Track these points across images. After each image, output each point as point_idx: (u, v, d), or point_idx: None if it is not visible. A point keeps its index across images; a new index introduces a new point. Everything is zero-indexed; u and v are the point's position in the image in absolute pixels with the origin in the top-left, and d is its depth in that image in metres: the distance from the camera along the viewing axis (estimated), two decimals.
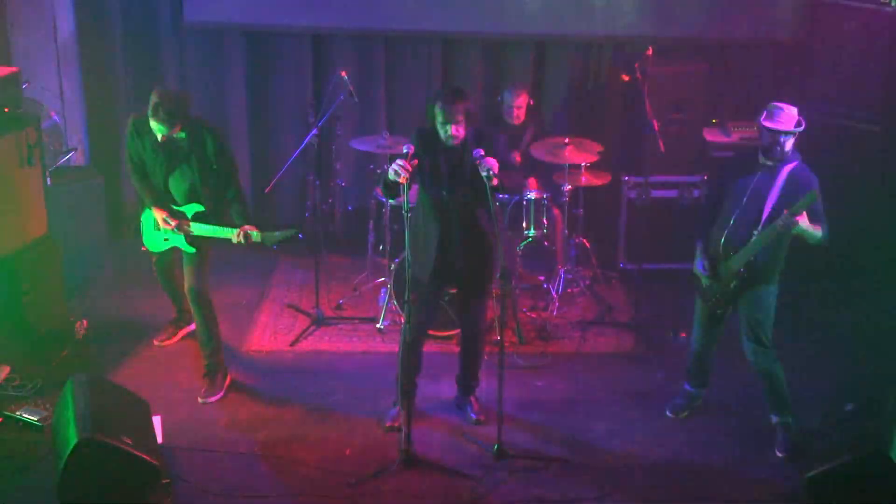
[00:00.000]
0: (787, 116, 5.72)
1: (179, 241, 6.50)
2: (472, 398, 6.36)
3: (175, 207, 6.49)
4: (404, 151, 5.69)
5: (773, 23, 8.33)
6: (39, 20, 8.28)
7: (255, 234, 6.33)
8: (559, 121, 8.61)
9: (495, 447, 5.88)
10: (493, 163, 5.61)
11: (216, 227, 6.40)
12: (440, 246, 5.88)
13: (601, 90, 8.69)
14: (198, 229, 6.42)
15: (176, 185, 6.46)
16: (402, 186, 5.61)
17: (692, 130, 8.14)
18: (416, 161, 5.69)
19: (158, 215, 6.44)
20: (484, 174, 5.58)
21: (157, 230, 6.54)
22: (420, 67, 8.70)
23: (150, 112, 6.15)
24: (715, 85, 8.40)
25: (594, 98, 8.74)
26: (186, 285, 6.56)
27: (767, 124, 5.73)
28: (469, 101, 5.79)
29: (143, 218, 6.70)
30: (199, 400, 6.54)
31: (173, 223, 6.42)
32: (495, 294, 5.94)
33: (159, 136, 6.24)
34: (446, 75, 8.72)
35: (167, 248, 6.63)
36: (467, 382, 6.38)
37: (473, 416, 6.28)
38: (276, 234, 6.33)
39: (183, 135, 6.29)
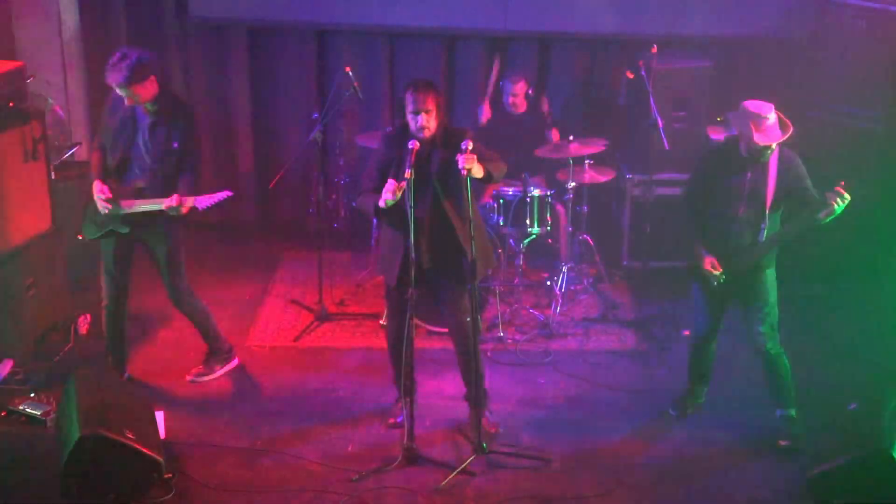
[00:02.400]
0: (773, 127, 5.68)
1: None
2: (485, 412, 6.13)
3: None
4: (409, 148, 5.67)
5: (778, 21, 8.32)
6: (44, 15, 8.29)
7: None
8: (564, 118, 8.61)
9: (476, 443, 5.84)
10: (464, 158, 5.53)
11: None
12: (406, 250, 5.73)
13: (606, 87, 8.69)
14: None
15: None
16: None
17: (697, 128, 8.12)
18: (408, 174, 5.59)
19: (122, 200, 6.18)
20: (464, 173, 5.54)
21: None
22: (424, 63, 8.71)
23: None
24: (720, 82, 8.38)
25: (599, 95, 8.74)
26: (171, 285, 6.46)
27: (761, 141, 5.67)
28: (441, 95, 5.74)
29: None
30: (187, 378, 6.61)
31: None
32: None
33: (126, 100, 6.03)
34: (450, 71, 8.74)
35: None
36: (471, 395, 6.10)
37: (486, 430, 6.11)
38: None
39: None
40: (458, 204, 5.78)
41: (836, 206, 5.54)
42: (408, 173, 5.55)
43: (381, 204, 5.62)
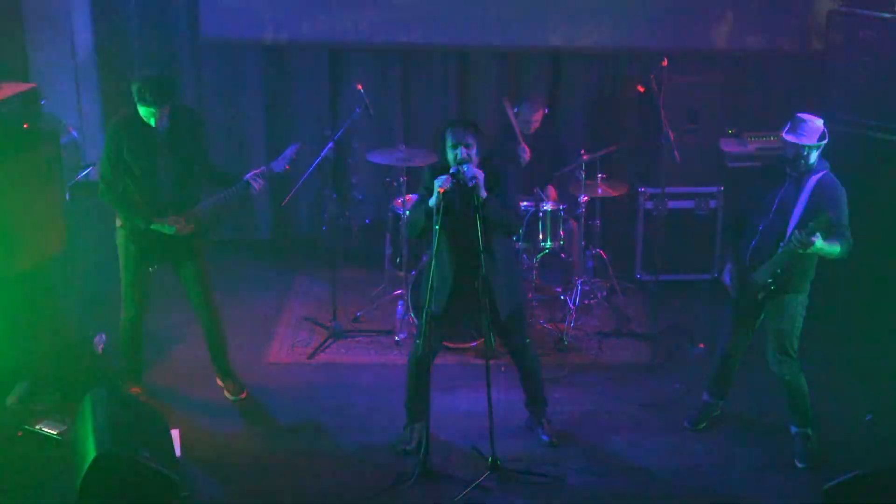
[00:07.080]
0: (810, 129, 5.68)
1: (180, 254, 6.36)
2: (544, 420, 6.28)
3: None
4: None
5: (788, 33, 8.34)
6: (58, 37, 8.35)
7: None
8: (575, 132, 8.62)
9: (489, 459, 5.83)
10: (478, 172, 5.62)
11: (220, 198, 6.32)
12: (455, 282, 5.86)
13: (617, 101, 8.70)
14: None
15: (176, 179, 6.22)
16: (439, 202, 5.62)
17: (708, 141, 8.13)
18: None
19: (173, 222, 6.15)
20: (470, 183, 5.58)
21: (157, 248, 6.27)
22: (436, 80, 8.74)
23: (137, 99, 5.93)
24: (731, 95, 8.38)
25: (610, 109, 8.74)
26: (203, 301, 6.52)
27: (789, 138, 5.70)
28: (481, 134, 5.77)
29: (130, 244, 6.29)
30: (232, 398, 6.63)
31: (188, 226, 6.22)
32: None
33: (153, 122, 5.96)
34: (463, 88, 8.75)
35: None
36: (533, 406, 6.30)
37: (545, 439, 6.21)
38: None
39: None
40: (497, 234, 5.84)
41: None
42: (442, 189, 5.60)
43: (441, 189, 5.58)
